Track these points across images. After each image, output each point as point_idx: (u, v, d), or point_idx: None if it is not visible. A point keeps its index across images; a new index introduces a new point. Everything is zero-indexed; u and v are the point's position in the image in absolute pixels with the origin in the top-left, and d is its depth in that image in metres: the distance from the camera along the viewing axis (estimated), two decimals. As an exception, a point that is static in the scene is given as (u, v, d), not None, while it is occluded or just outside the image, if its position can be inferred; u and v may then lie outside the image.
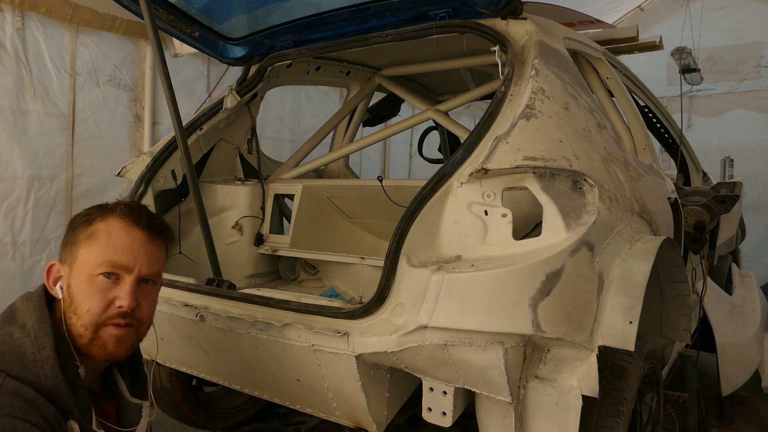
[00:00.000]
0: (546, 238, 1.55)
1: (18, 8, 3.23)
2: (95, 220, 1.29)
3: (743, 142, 6.89)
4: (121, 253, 1.27)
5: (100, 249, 1.26)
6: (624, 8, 7.71)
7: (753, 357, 3.21)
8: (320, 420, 2.17)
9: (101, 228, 1.28)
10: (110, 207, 1.33)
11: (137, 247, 1.29)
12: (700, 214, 2.91)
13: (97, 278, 1.25)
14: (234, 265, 2.58)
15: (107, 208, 1.32)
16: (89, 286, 1.25)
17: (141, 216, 1.32)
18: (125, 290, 1.26)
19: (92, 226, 1.28)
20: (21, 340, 1.19)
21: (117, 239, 1.27)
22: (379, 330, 1.58)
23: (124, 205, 1.33)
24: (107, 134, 3.74)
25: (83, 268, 1.26)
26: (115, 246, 1.26)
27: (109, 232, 1.27)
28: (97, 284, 1.25)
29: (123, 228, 1.28)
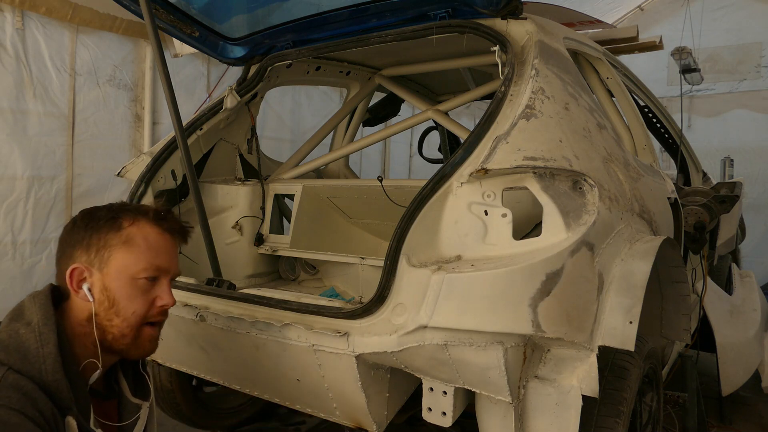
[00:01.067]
0: (546, 238, 1.55)
1: (18, 8, 3.23)
2: (124, 224, 1.32)
3: (743, 142, 6.89)
4: (162, 257, 1.35)
5: (142, 254, 1.31)
6: (624, 8, 7.71)
7: (753, 357, 3.22)
8: (320, 420, 2.18)
9: (136, 233, 1.32)
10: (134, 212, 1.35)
11: (171, 249, 1.38)
12: (700, 214, 2.91)
13: (140, 281, 1.31)
14: (234, 265, 2.58)
15: (131, 213, 1.35)
16: (133, 289, 1.31)
17: (167, 220, 1.39)
18: (166, 290, 1.36)
19: (124, 230, 1.32)
20: (25, 336, 1.22)
21: (155, 244, 1.34)
22: (379, 330, 1.58)
23: (152, 210, 1.38)
24: (107, 134, 3.75)
25: (124, 271, 1.30)
26: (156, 250, 1.34)
27: (146, 237, 1.33)
28: (140, 287, 1.32)
29: (158, 233, 1.35)
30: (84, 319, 1.29)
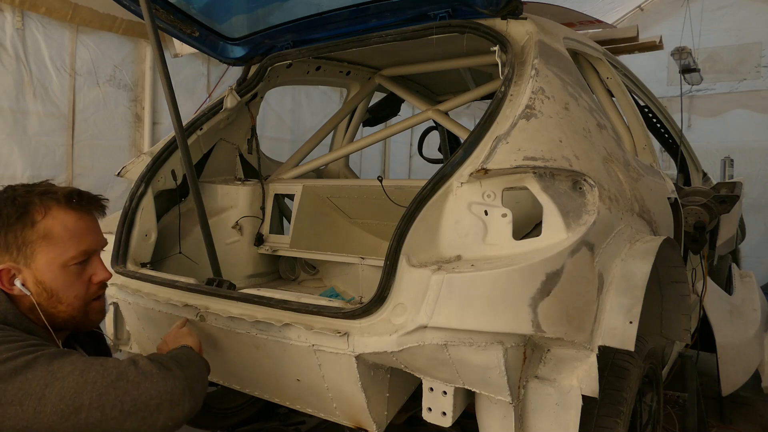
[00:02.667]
0: (546, 238, 1.55)
1: (18, 8, 3.23)
2: (37, 218, 1.31)
3: (743, 142, 6.89)
4: (86, 240, 1.36)
5: (66, 243, 1.32)
6: (624, 8, 7.71)
7: (753, 357, 3.22)
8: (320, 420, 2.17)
9: (52, 224, 1.32)
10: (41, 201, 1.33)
11: (92, 227, 1.40)
12: (700, 214, 2.91)
13: (71, 268, 1.34)
14: (234, 265, 2.58)
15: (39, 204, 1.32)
16: (67, 276, 1.33)
17: (81, 200, 1.38)
18: (99, 266, 1.40)
19: (39, 224, 1.31)
20: None
21: (75, 229, 1.34)
22: (379, 330, 1.58)
23: (61, 196, 1.35)
24: (107, 134, 3.74)
25: (53, 263, 1.31)
26: (78, 236, 1.34)
27: (64, 225, 1.33)
28: (72, 272, 1.34)
29: (75, 218, 1.35)
30: (27, 308, 1.32)
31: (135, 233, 2.24)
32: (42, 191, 1.35)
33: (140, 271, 2.15)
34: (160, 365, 1.23)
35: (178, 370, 1.25)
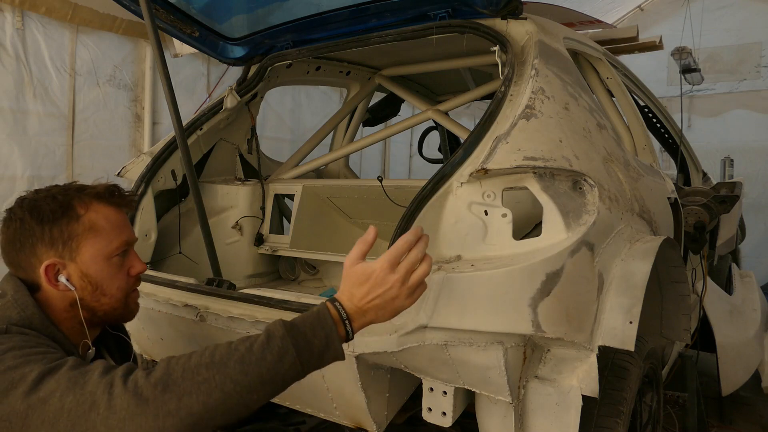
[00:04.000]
0: (546, 238, 1.55)
1: (18, 8, 3.23)
2: (80, 212, 1.35)
3: (743, 142, 6.89)
4: (125, 230, 1.42)
5: (109, 234, 1.37)
6: (624, 8, 7.71)
7: (753, 357, 3.21)
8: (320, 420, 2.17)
9: (95, 218, 1.36)
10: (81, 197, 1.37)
11: (128, 222, 1.46)
12: (700, 214, 2.90)
13: (114, 259, 1.38)
14: (234, 265, 2.58)
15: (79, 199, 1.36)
16: (111, 268, 1.38)
17: (121, 195, 1.44)
18: (136, 258, 1.45)
19: (84, 217, 1.35)
20: (4, 308, 1.27)
21: (116, 221, 1.40)
22: (379, 330, 1.57)
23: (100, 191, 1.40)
24: (107, 134, 3.74)
25: (99, 255, 1.36)
26: (119, 228, 1.40)
27: (107, 217, 1.38)
28: (115, 264, 1.39)
29: (115, 211, 1.40)
30: (67, 305, 1.34)
31: (135, 233, 2.24)
32: (78, 188, 1.40)
33: (140, 271, 2.15)
34: (136, 394, 1.07)
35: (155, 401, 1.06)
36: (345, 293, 1.25)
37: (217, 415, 1.09)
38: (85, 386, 1.08)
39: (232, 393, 1.09)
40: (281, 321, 1.19)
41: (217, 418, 1.09)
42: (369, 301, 1.22)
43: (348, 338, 1.24)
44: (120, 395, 1.06)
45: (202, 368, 1.10)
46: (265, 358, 1.12)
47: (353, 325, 1.23)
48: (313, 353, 1.17)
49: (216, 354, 1.13)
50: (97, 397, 1.07)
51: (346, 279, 1.26)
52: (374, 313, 1.23)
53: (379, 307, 1.23)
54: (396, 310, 1.25)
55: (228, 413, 1.10)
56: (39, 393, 1.07)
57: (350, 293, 1.24)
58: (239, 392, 1.09)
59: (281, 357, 1.13)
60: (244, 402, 1.11)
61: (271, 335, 1.15)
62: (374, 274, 1.22)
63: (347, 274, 1.26)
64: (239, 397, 1.10)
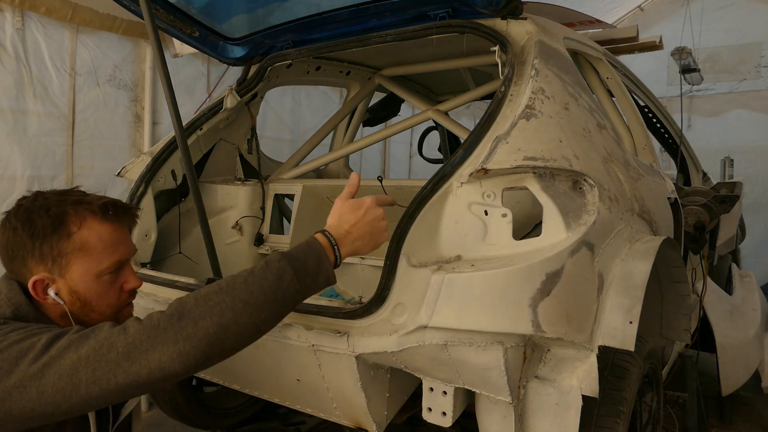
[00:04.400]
0: (546, 238, 1.55)
1: (18, 8, 3.23)
2: (72, 229, 1.30)
3: (743, 142, 6.89)
4: (119, 249, 1.37)
5: (100, 254, 1.33)
6: (624, 8, 7.71)
7: (753, 357, 3.21)
8: (320, 420, 2.18)
9: (87, 235, 1.31)
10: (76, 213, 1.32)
11: (125, 237, 1.40)
12: (700, 214, 2.90)
13: (105, 277, 1.34)
14: (234, 265, 2.57)
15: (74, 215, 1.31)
16: (100, 286, 1.34)
17: (117, 212, 1.38)
18: (131, 274, 1.41)
19: (75, 236, 1.30)
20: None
21: (110, 240, 1.35)
22: (379, 330, 1.58)
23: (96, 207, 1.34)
24: (107, 134, 3.74)
25: (88, 274, 1.32)
26: (112, 247, 1.35)
27: (99, 236, 1.33)
28: (106, 281, 1.35)
29: (111, 230, 1.35)
30: (58, 315, 1.33)
31: (135, 233, 2.24)
32: (76, 201, 1.34)
33: (140, 271, 2.15)
34: (153, 326, 1.14)
35: (173, 328, 1.14)
36: (335, 221, 1.42)
37: (231, 333, 1.18)
38: (99, 335, 1.14)
39: (242, 311, 1.19)
40: (277, 250, 1.32)
41: (231, 337, 1.18)
42: (359, 227, 1.41)
43: (336, 264, 1.38)
44: (138, 330, 1.13)
45: (212, 294, 1.20)
46: (267, 278, 1.24)
47: (341, 251, 1.38)
48: (307, 273, 1.29)
49: (222, 282, 1.24)
50: (113, 339, 1.12)
51: (339, 209, 1.43)
52: (360, 240, 1.41)
53: (366, 234, 1.41)
54: (377, 242, 1.44)
55: (241, 331, 1.20)
56: (51, 352, 1.10)
57: (341, 220, 1.41)
58: (248, 310, 1.20)
59: (280, 276, 1.25)
60: (254, 320, 1.21)
61: (269, 261, 1.28)
62: (366, 203, 1.43)
63: (340, 206, 1.44)
64: (249, 315, 1.20)
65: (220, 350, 1.18)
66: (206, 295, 1.20)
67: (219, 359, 1.19)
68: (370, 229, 1.41)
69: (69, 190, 1.39)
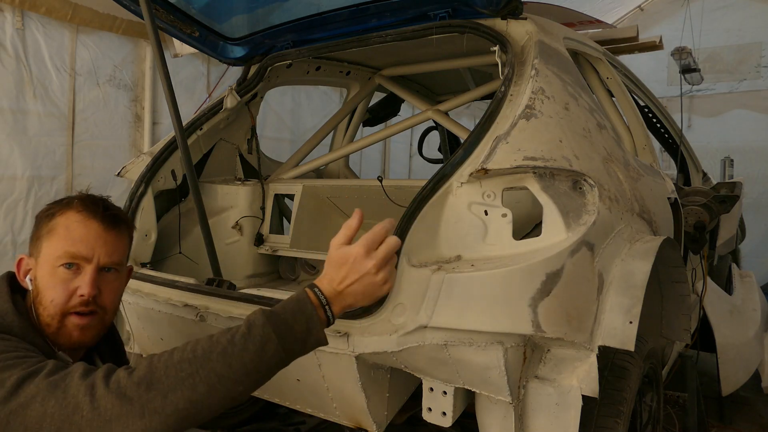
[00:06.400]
0: (546, 238, 1.55)
1: (18, 8, 3.23)
2: (56, 214, 1.36)
3: (743, 142, 6.89)
4: (78, 244, 1.33)
5: (59, 242, 1.33)
6: (624, 8, 7.71)
7: (753, 357, 3.22)
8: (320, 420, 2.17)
9: (60, 222, 1.34)
10: (69, 201, 1.38)
11: (94, 238, 1.35)
12: (700, 214, 2.90)
13: (58, 269, 1.32)
14: (234, 265, 2.58)
15: (66, 203, 1.38)
16: (52, 278, 1.32)
17: (97, 208, 1.37)
18: (85, 279, 1.32)
19: (53, 220, 1.35)
20: None
21: (75, 232, 1.33)
22: (379, 330, 1.58)
23: (81, 199, 1.38)
24: (107, 134, 3.74)
25: (46, 261, 1.33)
26: (73, 238, 1.33)
27: (68, 225, 1.34)
28: (58, 275, 1.32)
29: (80, 221, 1.34)
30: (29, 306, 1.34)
31: (135, 233, 2.23)
32: (81, 196, 1.40)
33: (140, 271, 2.15)
34: (119, 395, 1.05)
35: (140, 399, 1.05)
36: (326, 277, 1.26)
37: (203, 409, 1.08)
38: (67, 390, 1.07)
39: (217, 386, 1.09)
40: (261, 310, 1.19)
41: (204, 412, 1.09)
42: (347, 285, 1.24)
43: (329, 322, 1.25)
44: (103, 396, 1.05)
45: (185, 363, 1.09)
46: (248, 349, 1.12)
47: (333, 309, 1.24)
48: (295, 339, 1.17)
49: (198, 348, 1.12)
50: (79, 400, 1.05)
51: (328, 262, 1.28)
52: (353, 297, 1.26)
53: (357, 292, 1.25)
54: (374, 296, 1.28)
55: (214, 406, 1.10)
56: (19, 398, 1.06)
57: (330, 277, 1.26)
58: (224, 385, 1.09)
59: (263, 346, 1.13)
60: (230, 394, 1.11)
61: (251, 324, 1.15)
62: (350, 258, 1.24)
63: (329, 257, 1.28)
64: (225, 390, 1.10)
65: (190, 424, 1.08)
66: (179, 362, 1.09)
67: (188, 429, 1.10)
68: (360, 287, 1.25)
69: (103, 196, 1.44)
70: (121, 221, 1.42)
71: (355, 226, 1.30)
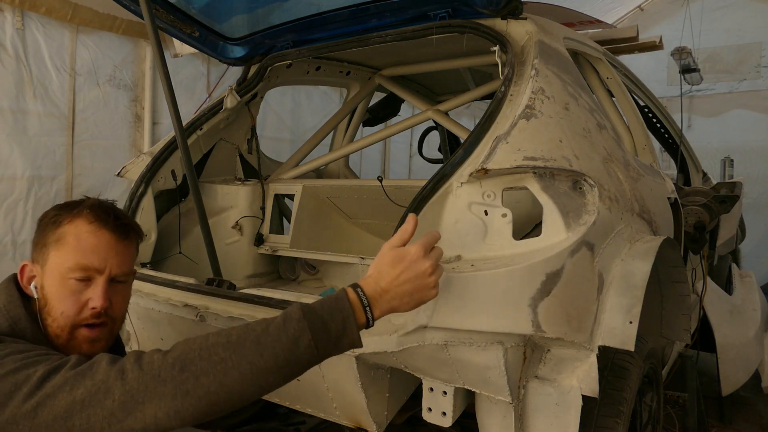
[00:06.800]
0: (546, 238, 1.55)
1: (18, 8, 3.23)
2: (63, 222, 1.31)
3: (743, 142, 6.89)
4: (91, 256, 1.29)
5: (70, 253, 1.28)
6: (624, 8, 7.71)
7: (753, 357, 3.22)
8: (320, 420, 2.17)
9: (70, 231, 1.30)
10: (78, 208, 1.33)
11: (106, 248, 1.32)
12: (700, 214, 2.90)
13: (69, 281, 1.28)
14: (234, 265, 2.58)
15: (74, 209, 1.33)
16: (62, 289, 1.28)
17: (108, 217, 1.33)
18: (98, 292, 1.30)
19: (60, 228, 1.30)
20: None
21: (86, 242, 1.29)
22: (379, 330, 1.57)
23: (91, 207, 1.34)
24: (107, 134, 3.74)
25: (55, 270, 1.29)
26: (84, 249, 1.29)
27: (78, 235, 1.29)
28: (69, 287, 1.28)
29: (91, 231, 1.30)
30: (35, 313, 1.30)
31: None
32: (85, 202, 1.35)
33: (140, 271, 2.15)
34: (152, 376, 1.06)
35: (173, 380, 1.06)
36: (373, 276, 1.23)
37: (233, 395, 1.08)
38: (95, 376, 1.07)
39: (248, 374, 1.08)
40: (300, 304, 1.18)
41: (234, 399, 1.09)
42: (399, 284, 1.21)
43: (368, 325, 1.21)
44: (136, 378, 1.05)
45: (219, 348, 1.09)
46: (281, 340, 1.11)
47: (374, 312, 1.21)
48: (330, 338, 1.15)
49: (233, 334, 1.12)
50: (110, 384, 1.05)
51: (379, 262, 1.24)
52: (399, 299, 1.22)
53: (405, 293, 1.21)
54: (421, 300, 1.24)
55: (245, 394, 1.10)
56: (45, 389, 1.05)
57: (379, 275, 1.22)
58: (255, 374, 1.09)
59: (297, 340, 1.11)
60: (260, 383, 1.10)
61: (287, 317, 1.14)
62: (408, 256, 1.21)
63: (381, 257, 1.24)
64: (255, 379, 1.09)
65: (220, 409, 1.09)
66: (213, 346, 1.10)
67: (218, 416, 1.10)
68: (411, 287, 1.21)
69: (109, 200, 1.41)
70: (131, 231, 1.39)
71: (411, 230, 1.28)
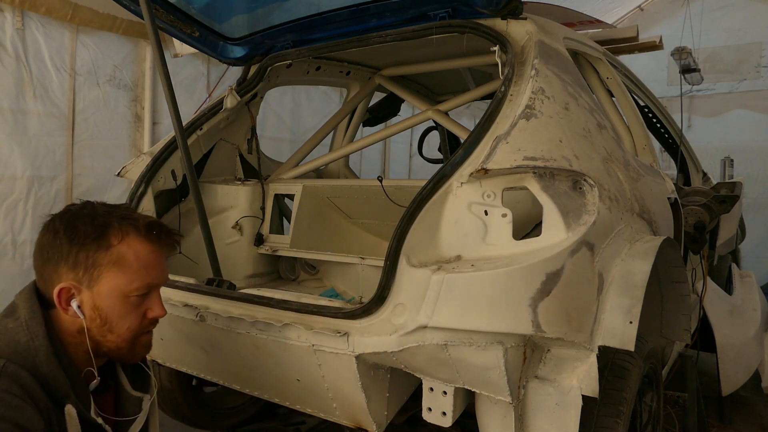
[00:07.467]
0: (546, 238, 1.55)
1: (18, 8, 3.23)
2: (113, 242, 1.28)
3: (743, 142, 6.89)
4: (153, 272, 1.33)
5: (134, 273, 1.30)
6: (624, 8, 7.71)
7: (753, 357, 3.22)
8: (320, 420, 2.17)
9: (126, 251, 1.29)
10: (124, 223, 1.31)
11: (161, 263, 1.37)
12: (700, 214, 2.90)
13: (132, 298, 1.31)
14: (234, 265, 2.58)
15: (120, 225, 1.30)
16: (124, 306, 1.31)
17: (160, 234, 1.36)
18: (157, 302, 1.36)
19: (114, 248, 1.28)
20: (14, 330, 1.23)
21: (146, 261, 1.32)
22: (379, 330, 1.58)
23: (146, 226, 1.33)
24: (107, 134, 3.74)
25: (115, 291, 1.29)
26: (147, 268, 1.32)
27: (137, 255, 1.30)
28: (132, 303, 1.31)
29: (149, 251, 1.33)
30: (75, 330, 1.29)
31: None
32: (122, 215, 1.33)
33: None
34: None
35: None
36: None
37: None
38: None
39: None
40: None
41: None
42: None
43: None
44: None
45: None
46: None
47: None
48: None
49: None
50: None
51: None
52: None
53: None
54: None
55: None
56: None
57: None
58: None
59: None
60: None
61: None
62: None
63: None
64: None
65: None
66: None
67: None
68: None
69: (118, 204, 1.39)
70: (171, 240, 1.41)
71: None
